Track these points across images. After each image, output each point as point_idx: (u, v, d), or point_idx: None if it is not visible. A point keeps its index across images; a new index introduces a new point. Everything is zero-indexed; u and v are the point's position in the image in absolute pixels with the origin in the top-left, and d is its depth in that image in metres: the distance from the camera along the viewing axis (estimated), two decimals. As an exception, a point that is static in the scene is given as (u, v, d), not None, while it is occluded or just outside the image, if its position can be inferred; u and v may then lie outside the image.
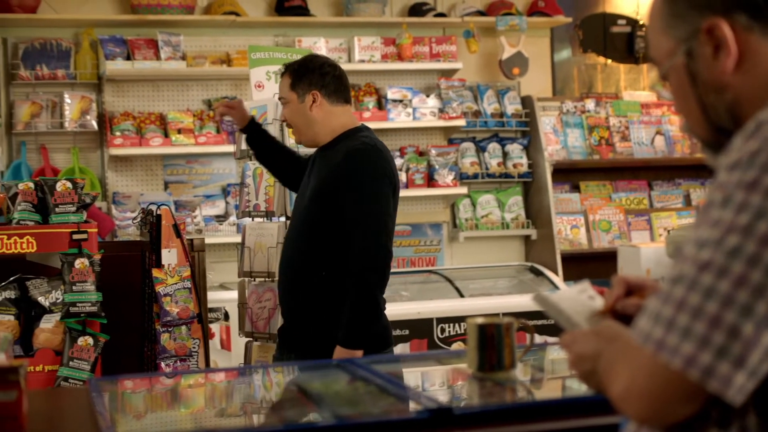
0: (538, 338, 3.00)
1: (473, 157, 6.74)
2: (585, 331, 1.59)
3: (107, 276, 3.47)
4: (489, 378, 2.36)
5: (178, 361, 3.61)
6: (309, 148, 3.84)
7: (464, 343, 5.35)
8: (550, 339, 5.02)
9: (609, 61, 7.31)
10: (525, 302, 5.42)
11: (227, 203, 6.30)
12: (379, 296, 3.49)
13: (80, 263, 3.38)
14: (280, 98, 3.75)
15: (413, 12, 6.71)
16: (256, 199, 4.40)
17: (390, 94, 6.49)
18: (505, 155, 6.79)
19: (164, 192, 6.22)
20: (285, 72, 3.72)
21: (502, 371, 2.36)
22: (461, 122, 6.57)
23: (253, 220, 4.39)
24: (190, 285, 3.66)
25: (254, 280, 4.22)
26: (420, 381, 2.68)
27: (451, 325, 5.56)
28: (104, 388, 2.51)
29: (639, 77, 7.42)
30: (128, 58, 6.11)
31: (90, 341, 3.37)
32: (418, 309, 5.57)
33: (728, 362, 1.28)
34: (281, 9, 6.42)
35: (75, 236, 3.41)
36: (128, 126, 6.07)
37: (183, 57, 6.17)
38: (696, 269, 1.31)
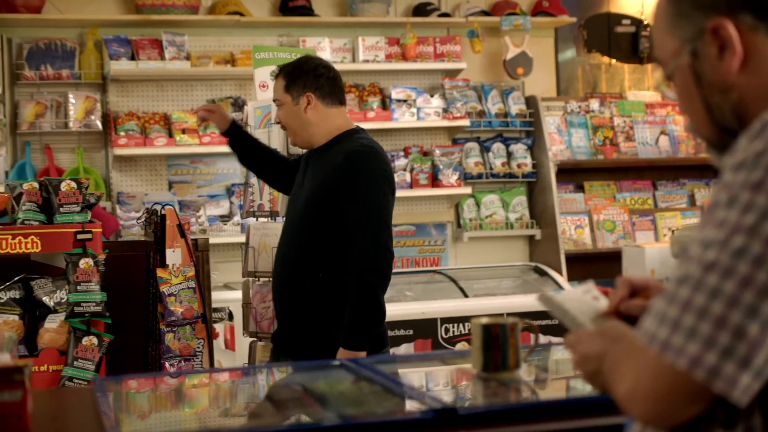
0: (543, 338, 3.01)
1: (477, 157, 6.74)
2: (590, 332, 1.59)
3: (112, 276, 3.47)
4: (493, 378, 2.36)
5: (183, 361, 3.61)
6: (302, 149, 3.83)
7: (468, 343, 5.35)
8: (555, 339, 5.03)
9: (613, 61, 7.31)
10: (529, 302, 5.44)
11: (231, 203, 6.30)
12: (381, 297, 3.49)
13: (85, 263, 3.38)
14: (275, 100, 3.74)
15: (417, 12, 6.71)
16: (261, 199, 4.40)
17: (394, 94, 6.49)
18: (510, 155, 6.78)
19: (168, 192, 6.23)
20: (279, 74, 3.71)
21: (507, 371, 2.36)
22: (465, 122, 6.57)
23: (258, 220, 4.39)
24: (195, 285, 3.66)
25: (258, 280, 4.22)
26: (424, 381, 2.68)
27: (456, 325, 5.56)
28: (109, 388, 2.51)
29: (643, 77, 7.41)
30: (132, 58, 6.11)
31: (94, 341, 3.37)
32: (423, 309, 5.57)
33: (734, 363, 1.28)
34: (285, 9, 6.42)
35: (79, 236, 3.41)
36: (132, 126, 6.08)
37: (187, 57, 6.18)
38: (701, 269, 1.31)
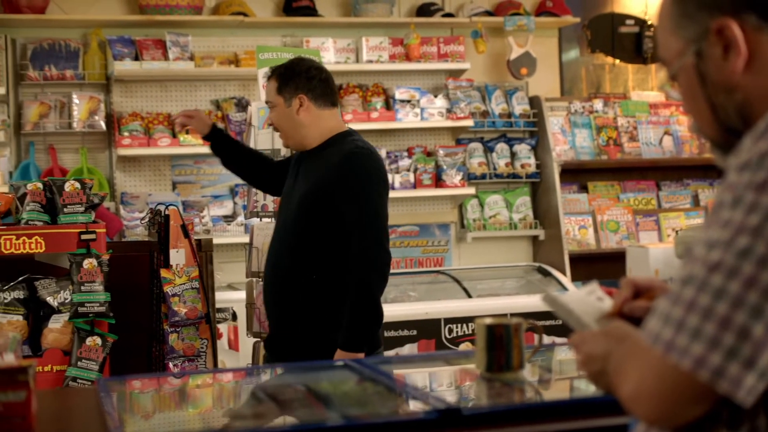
0: (547, 339, 3.00)
1: (481, 158, 6.73)
2: (594, 332, 1.59)
3: (115, 276, 3.47)
4: (497, 378, 2.36)
5: (186, 362, 3.61)
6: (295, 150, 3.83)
7: (472, 344, 5.34)
8: (559, 339, 5.02)
9: (617, 61, 7.30)
10: (533, 303, 5.43)
11: (235, 203, 6.30)
12: (380, 298, 3.49)
13: (88, 263, 3.39)
14: (267, 102, 3.74)
15: (421, 12, 6.70)
16: (264, 200, 4.40)
17: (398, 95, 6.49)
18: (513, 155, 6.78)
19: (172, 192, 6.23)
20: (271, 76, 3.70)
21: (511, 372, 2.36)
22: (469, 122, 6.57)
23: (261, 221, 4.39)
24: (198, 285, 3.66)
25: (262, 281, 4.22)
26: (428, 381, 2.68)
27: (459, 326, 5.55)
28: (112, 388, 2.51)
29: (647, 77, 7.41)
30: (136, 59, 6.11)
31: (98, 341, 3.37)
32: (426, 309, 5.57)
33: (738, 363, 1.28)
34: (289, 9, 6.42)
35: (83, 236, 3.41)
36: (136, 126, 6.08)
37: (191, 57, 6.18)
38: (706, 270, 1.31)
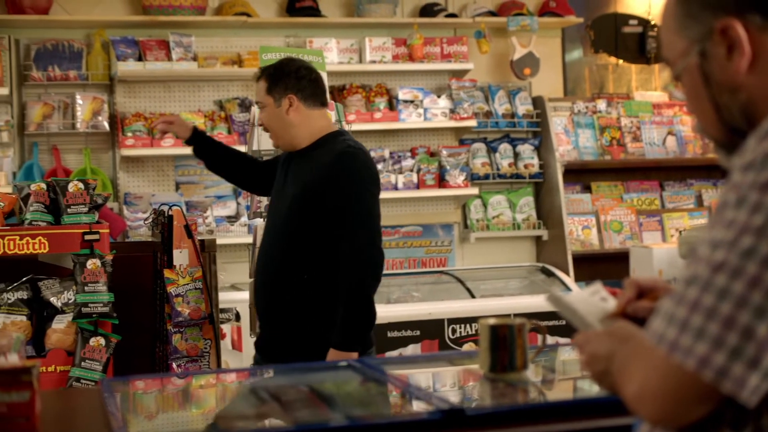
0: (550, 339, 3.00)
1: (484, 158, 6.73)
2: (598, 332, 1.59)
3: (119, 276, 3.47)
4: (501, 379, 2.36)
5: (190, 362, 3.61)
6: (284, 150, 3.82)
7: (475, 344, 5.34)
8: (562, 340, 5.02)
9: (620, 62, 7.30)
10: (536, 303, 5.44)
11: (238, 204, 6.30)
12: (373, 298, 3.50)
13: (92, 264, 3.39)
14: (257, 102, 3.74)
15: (424, 12, 6.70)
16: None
17: (401, 95, 6.49)
18: (517, 156, 6.78)
19: (176, 192, 6.23)
20: (261, 76, 3.70)
21: (514, 372, 2.36)
22: (472, 123, 6.57)
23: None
24: (202, 285, 3.66)
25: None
26: (432, 382, 2.68)
27: (463, 326, 5.55)
28: (116, 389, 2.51)
29: (650, 77, 7.40)
30: (140, 59, 6.12)
31: (102, 342, 3.38)
32: (429, 310, 5.57)
33: (742, 363, 1.28)
34: (292, 10, 6.43)
35: (87, 237, 3.41)
36: (140, 127, 6.09)
37: (194, 58, 6.18)
38: (710, 270, 1.31)
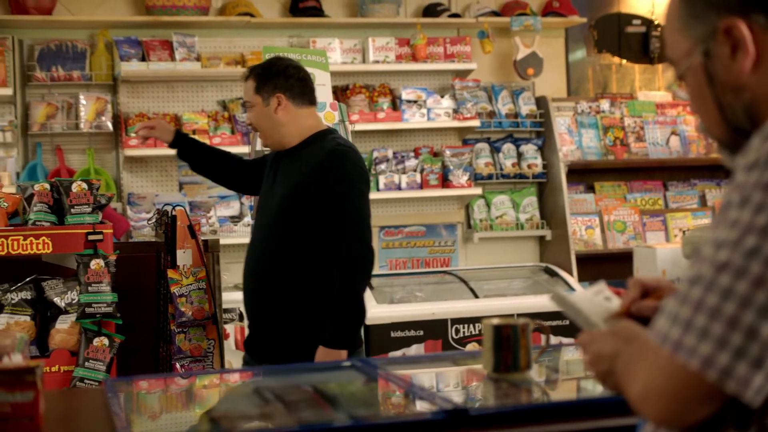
0: (554, 339, 3.00)
1: (488, 158, 6.73)
2: (603, 331, 1.59)
3: (122, 277, 3.47)
4: (504, 379, 2.36)
5: (193, 362, 3.61)
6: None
7: (479, 344, 5.34)
8: (566, 340, 5.02)
9: (624, 62, 7.29)
10: (540, 303, 5.43)
11: (242, 204, 6.30)
12: (363, 296, 3.51)
13: (96, 264, 3.39)
14: (245, 102, 3.75)
15: (427, 13, 6.70)
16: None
17: (404, 95, 6.49)
18: (520, 156, 6.77)
19: (179, 193, 6.23)
20: (249, 76, 3.71)
21: (518, 372, 2.36)
22: (476, 123, 6.57)
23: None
24: (205, 286, 3.66)
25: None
26: (435, 382, 2.68)
27: (466, 326, 5.55)
28: (120, 389, 2.51)
29: (654, 77, 7.40)
30: (143, 60, 6.12)
31: (105, 342, 3.38)
32: (433, 310, 5.57)
33: (746, 363, 1.28)
34: (296, 10, 6.43)
35: (90, 237, 3.41)
36: (143, 127, 6.08)
37: (197, 58, 6.18)
38: (714, 270, 1.31)
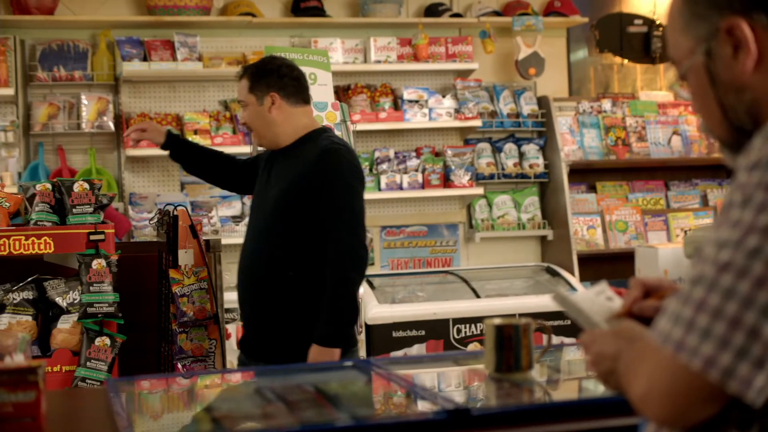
0: (555, 339, 3.00)
1: (489, 158, 6.73)
2: (605, 331, 1.59)
3: (124, 277, 3.47)
4: (506, 379, 2.36)
5: (195, 362, 3.61)
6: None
7: (481, 344, 5.34)
8: (567, 340, 5.01)
9: (625, 61, 7.29)
10: (541, 303, 5.43)
11: (243, 204, 6.30)
12: (357, 294, 3.51)
13: (97, 264, 3.39)
14: (239, 101, 3.74)
15: (429, 12, 6.70)
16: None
17: (406, 95, 6.49)
18: (522, 156, 6.78)
19: (181, 193, 6.23)
20: (243, 75, 3.70)
21: (520, 372, 2.36)
22: (477, 123, 6.57)
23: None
24: (207, 285, 3.66)
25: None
26: (437, 382, 2.68)
27: (468, 326, 5.55)
28: (122, 389, 2.51)
29: (656, 77, 7.39)
30: (145, 60, 6.12)
31: (107, 342, 3.38)
32: (434, 310, 5.56)
33: (748, 363, 1.28)
34: (297, 10, 6.43)
35: (92, 237, 3.41)
36: (145, 127, 6.09)
37: (199, 58, 6.19)
38: (716, 270, 1.31)
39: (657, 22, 7.19)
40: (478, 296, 5.84)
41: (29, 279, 3.50)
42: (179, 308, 3.57)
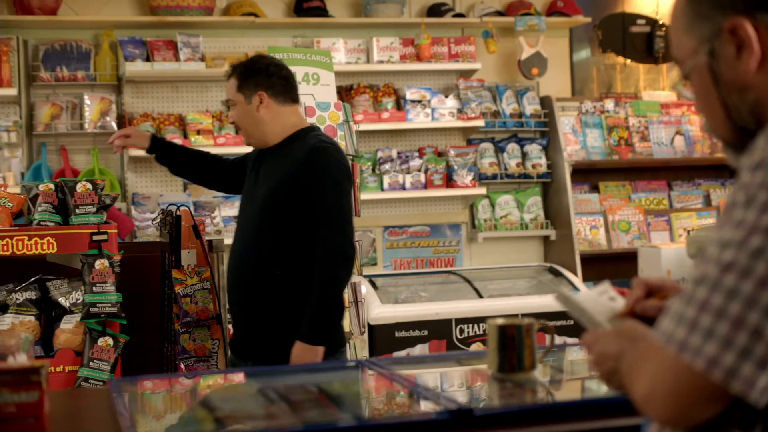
0: (558, 339, 2.99)
1: (492, 158, 6.73)
2: (607, 331, 1.59)
3: (127, 277, 3.47)
4: (509, 379, 2.36)
5: (198, 362, 3.62)
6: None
7: (483, 344, 5.34)
8: (570, 340, 5.01)
9: (628, 61, 7.29)
10: (544, 303, 5.43)
11: (246, 204, 6.30)
12: (343, 293, 3.50)
13: (100, 264, 3.39)
14: (228, 101, 3.74)
15: (432, 12, 6.70)
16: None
17: (409, 95, 6.49)
18: (524, 156, 6.77)
19: (183, 193, 6.24)
20: (231, 74, 3.71)
21: (523, 372, 2.36)
22: (480, 123, 6.57)
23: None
24: (210, 286, 3.66)
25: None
26: (439, 382, 2.68)
27: (470, 326, 5.55)
28: (124, 389, 2.51)
29: (658, 77, 7.39)
30: (147, 60, 6.13)
31: (110, 342, 3.38)
32: (437, 310, 5.56)
33: (751, 363, 1.27)
34: (300, 10, 6.43)
35: (95, 237, 3.42)
36: (147, 127, 6.09)
37: (202, 58, 6.19)
38: (719, 270, 1.30)
39: (660, 22, 7.19)
40: (481, 296, 5.84)
41: (32, 279, 3.51)
42: (182, 308, 3.57)
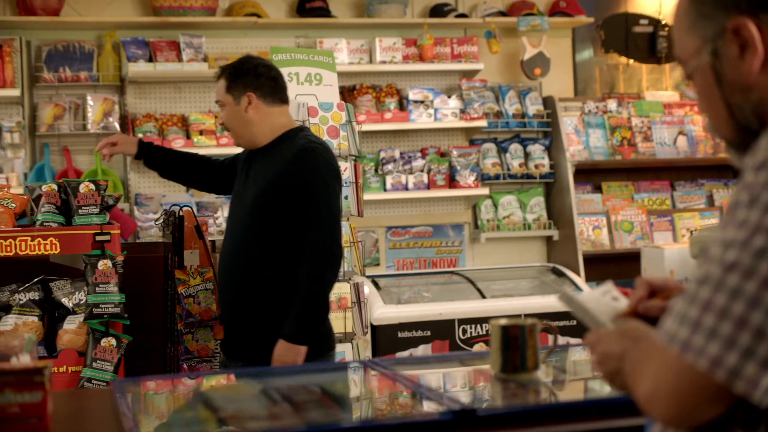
0: (561, 339, 3.00)
1: (495, 158, 6.73)
2: (610, 331, 1.59)
3: (130, 277, 3.48)
4: (512, 379, 2.36)
5: (201, 362, 3.62)
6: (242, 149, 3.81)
7: (486, 345, 5.33)
8: (573, 340, 5.01)
9: (631, 61, 7.29)
10: (547, 303, 5.43)
11: (249, 204, 6.30)
12: (329, 293, 3.50)
13: (103, 264, 3.40)
14: (217, 101, 3.75)
15: (434, 13, 6.70)
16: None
17: (411, 95, 6.49)
18: (527, 156, 6.77)
19: (186, 193, 6.24)
20: (220, 75, 3.72)
21: (526, 372, 2.36)
22: (483, 123, 6.56)
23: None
24: (213, 286, 3.67)
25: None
26: (442, 382, 2.68)
27: (473, 326, 5.55)
28: (127, 389, 2.51)
29: (661, 77, 7.39)
30: (150, 60, 6.13)
31: (113, 342, 3.38)
32: (440, 310, 5.57)
33: (755, 363, 1.27)
34: (302, 10, 6.43)
35: (98, 238, 3.42)
36: (150, 128, 6.10)
37: (205, 59, 6.19)
38: (722, 270, 1.30)
39: (663, 22, 7.19)
40: (484, 297, 5.84)
41: (35, 280, 3.51)
42: (185, 309, 3.58)
